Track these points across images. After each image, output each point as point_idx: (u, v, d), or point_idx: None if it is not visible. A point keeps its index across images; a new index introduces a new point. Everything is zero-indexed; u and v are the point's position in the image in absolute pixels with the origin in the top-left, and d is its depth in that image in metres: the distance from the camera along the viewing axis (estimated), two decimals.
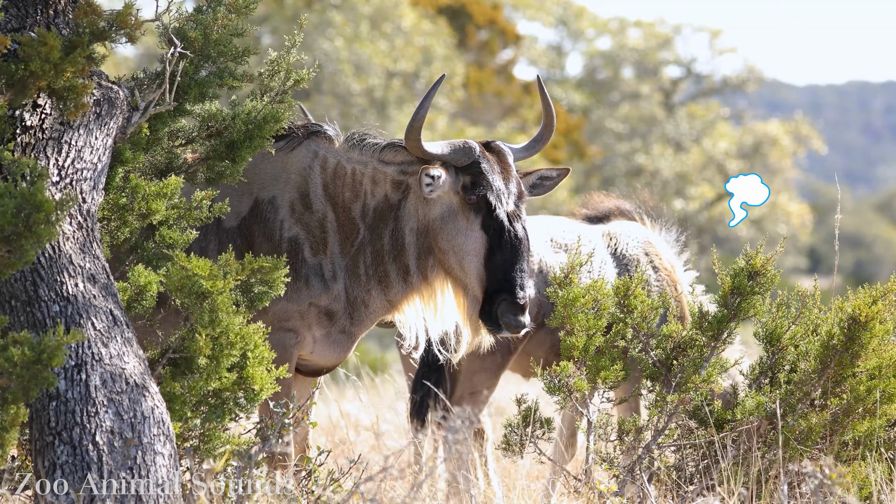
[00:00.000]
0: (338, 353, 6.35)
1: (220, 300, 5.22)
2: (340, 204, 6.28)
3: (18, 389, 4.75)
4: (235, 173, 5.76)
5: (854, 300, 6.23)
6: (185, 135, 5.77)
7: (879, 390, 6.19)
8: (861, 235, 53.21)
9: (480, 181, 6.11)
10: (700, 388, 6.23)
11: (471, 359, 7.29)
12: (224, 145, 5.72)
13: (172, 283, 5.23)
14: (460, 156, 6.15)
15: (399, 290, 6.28)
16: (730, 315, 6.32)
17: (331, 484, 5.72)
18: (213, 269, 5.24)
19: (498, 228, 6.08)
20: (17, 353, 4.72)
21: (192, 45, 5.53)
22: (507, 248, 6.07)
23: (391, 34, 28.53)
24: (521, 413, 6.46)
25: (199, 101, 5.62)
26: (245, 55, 5.67)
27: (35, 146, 5.13)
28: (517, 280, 6.03)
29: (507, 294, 6.03)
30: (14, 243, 4.78)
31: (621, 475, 6.20)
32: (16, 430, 4.77)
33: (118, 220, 5.42)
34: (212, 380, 5.24)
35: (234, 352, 5.26)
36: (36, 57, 4.99)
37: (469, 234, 6.11)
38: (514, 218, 6.10)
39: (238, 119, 5.74)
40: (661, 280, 7.54)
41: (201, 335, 5.17)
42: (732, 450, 6.20)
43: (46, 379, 4.76)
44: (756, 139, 34.16)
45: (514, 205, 6.13)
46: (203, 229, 6.16)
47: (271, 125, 5.75)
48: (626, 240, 7.65)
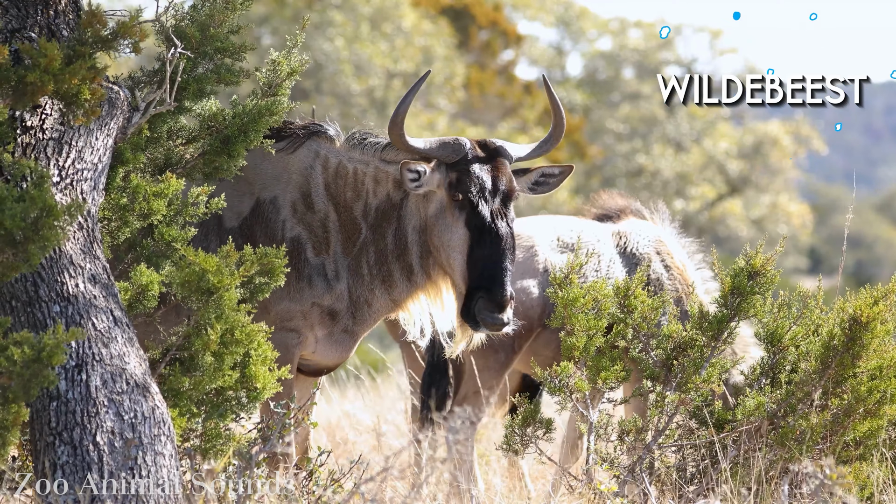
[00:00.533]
0: (340, 352, 6.36)
1: (227, 296, 5.23)
2: (342, 203, 6.28)
3: (19, 388, 4.75)
4: (232, 168, 5.75)
5: (855, 301, 6.23)
6: (185, 134, 5.77)
7: (880, 391, 6.19)
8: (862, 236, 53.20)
9: (465, 178, 6.11)
10: (700, 389, 6.22)
11: (475, 357, 7.28)
12: (219, 140, 5.72)
13: (179, 279, 5.24)
14: (448, 152, 6.15)
15: (403, 289, 6.28)
16: (730, 315, 6.32)
17: (331, 484, 5.71)
18: (221, 266, 5.25)
19: (479, 226, 6.08)
20: (17, 351, 4.72)
21: (190, 42, 5.53)
22: (487, 246, 6.06)
23: (392, 34, 28.53)
24: (521, 413, 6.45)
25: (197, 98, 5.62)
26: (242, 51, 5.66)
27: (35, 146, 5.12)
28: (496, 277, 6.02)
29: (485, 291, 6.02)
30: (20, 247, 4.78)
31: (622, 475, 6.19)
32: (17, 429, 4.77)
33: (119, 221, 5.42)
34: (216, 377, 5.25)
35: (239, 349, 5.27)
36: (35, 68, 4.99)
37: (454, 231, 6.12)
38: (497, 216, 6.09)
39: (234, 115, 5.73)
40: (674, 279, 7.53)
41: (211, 331, 5.18)
42: (733, 450, 6.20)
43: (47, 377, 4.76)
44: (757, 139, 34.14)
45: (501, 203, 6.12)
46: (204, 229, 6.16)
47: (266, 118, 5.74)
48: (637, 238, 7.62)
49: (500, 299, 6.01)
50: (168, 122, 5.62)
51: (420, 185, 6.11)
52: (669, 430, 6.27)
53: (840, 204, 52.24)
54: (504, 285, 6.01)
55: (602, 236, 7.57)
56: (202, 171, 5.73)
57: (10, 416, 4.75)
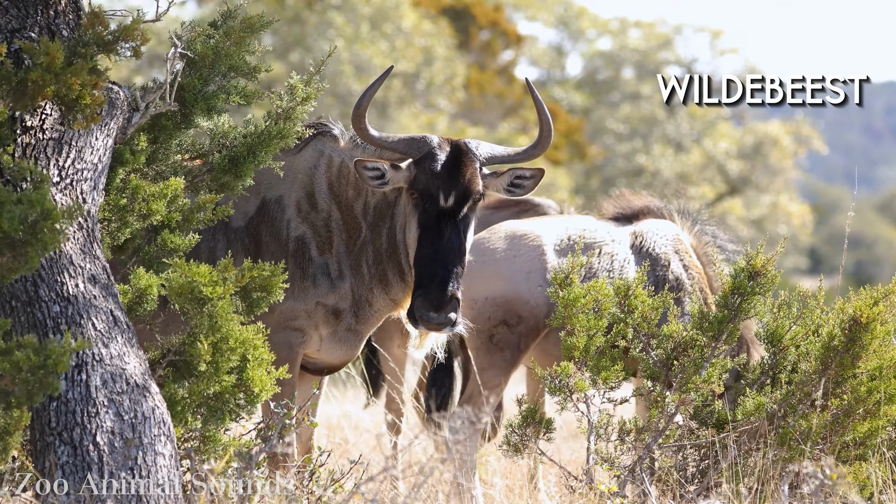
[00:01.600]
0: (345, 351, 6.36)
1: (221, 306, 5.22)
2: (344, 202, 6.29)
3: (23, 394, 4.75)
4: (238, 187, 5.74)
5: (855, 301, 6.23)
6: (195, 150, 5.76)
7: (880, 391, 6.19)
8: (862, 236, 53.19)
9: (421, 176, 6.10)
10: (700, 389, 6.22)
11: (480, 356, 7.28)
12: (227, 159, 5.71)
13: (173, 289, 5.24)
14: (412, 148, 6.15)
15: (399, 289, 6.28)
16: (730, 315, 6.32)
17: (331, 484, 5.71)
18: (213, 276, 5.24)
19: (425, 225, 6.06)
20: (22, 357, 4.72)
21: (202, 61, 5.52)
22: (429, 244, 6.04)
23: (392, 35, 28.52)
24: (521, 413, 6.45)
25: (205, 115, 5.61)
26: (256, 72, 5.65)
27: (35, 147, 5.12)
28: (434, 276, 5.99)
29: (423, 290, 6.01)
30: (19, 249, 4.78)
31: (622, 475, 6.19)
32: (19, 433, 4.76)
33: (118, 221, 5.41)
34: (212, 384, 5.24)
35: (234, 357, 5.26)
36: (37, 66, 4.98)
37: (411, 228, 6.13)
38: (446, 216, 6.07)
39: (244, 135, 5.72)
40: (693, 278, 7.52)
41: (202, 342, 5.17)
42: (733, 450, 6.20)
43: (51, 384, 4.76)
44: (757, 139, 34.13)
45: (455, 202, 6.09)
46: (211, 229, 6.18)
47: (276, 142, 5.74)
48: (655, 238, 7.59)
49: (435, 298, 5.98)
50: (175, 135, 5.61)
51: (385, 182, 6.10)
52: (670, 430, 6.26)
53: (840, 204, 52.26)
54: (443, 284, 5.97)
55: (618, 236, 7.54)
56: (209, 187, 5.73)
57: (12, 420, 4.75)
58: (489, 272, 7.28)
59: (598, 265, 7.37)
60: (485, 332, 7.24)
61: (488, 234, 7.45)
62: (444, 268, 5.99)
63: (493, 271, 7.29)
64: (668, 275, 7.47)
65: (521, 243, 7.35)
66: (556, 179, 27.62)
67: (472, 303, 7.25)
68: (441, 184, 6.07)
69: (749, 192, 34.06)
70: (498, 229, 7.50)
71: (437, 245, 6.02)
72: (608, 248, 7.42)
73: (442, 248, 6.01)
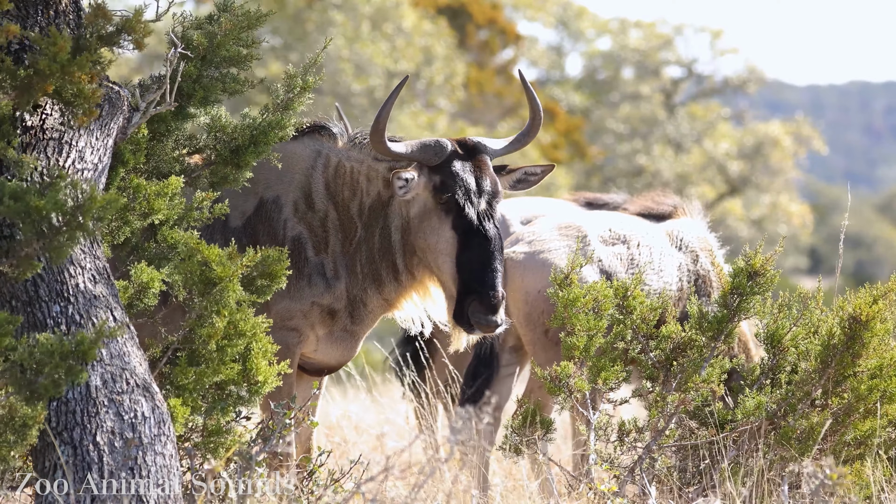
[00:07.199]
0: (342, 351, 6.37)
1: (230, 287, 5.24)
2: (340, 202, 6.30)
3: (49, 383, 4.75)
4: (239, 179, 5.75)
5: (855, 299, 6.23)
6: (192, 145, 5.76)
7: (880, 390, 6.19)
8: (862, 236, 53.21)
9: (450, 181, 6.10)
10: (700, 389, 6.23)
11: (538, 351, 7.24)
12: (228, 150, 5.72)
13: (182, 271, 5.25)
14: (430, 155, 6.14)
15: (392, 289, 6.29)
16: (730, 315, 6.32)
17: (331, 484, 5.72)
18: (223, 257, 5.26)
19: (467, 228, 6.07)
20: (55, 342, 4.72)
21: (196, 50, 5.53)
22: (476, 248, 6.05)
23: (392, 34, 28.53)
24: (521, 413, 6.45)
25: (203, 105, 5.62)
26: (248, 60, 5.66)
27: (36, 146, 5.13)
28: (487, 280, 6.01)
29: (477, 294, 6.02)
30: (46, 241, 4.78)
31: (622, 475, 6.20)
32: (37, 428, 4.75)
33: (119, 220, 5.42)
34: (218, 370, 5.25)
35: (242, 341, 5.28)
36: (44, 56, 4.98)
37: (441, 234, 6.11)
38: (484, 217, 6.09)
39: (244, 126, 5.74)
40: (717, 276, 7.56)
41: (217, 318, 5.19)
42: (733, 450, 6.20)
43: (79, 373, 4.76)
44: (757, 140, 34.13)
45: (487, 203, 6.11)
46: (209, 229, 6.18)
47: (276, 132, 5.74)
48: (690, 235, 7.63)
49: (493, 301, 6.00)
50: (173, 129, 5.62)
51: (408, 190, 6.11)
52: (669, 431, 6.27)
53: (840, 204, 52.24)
54: (496, 287, 6.01)
55: (654, 231, 7.57)
56: (208, 181, 5.73)
57: (36, 412, 4.74)
58: (540, 264, 7.24)
59: (639, 257, 7.39)
60: (540, 326, 7.20)
61: (535, 227, 7.45)
62: (494, 269, 6.02)
63: (545, 263, 7.24)
64: (700, 270, 7.53)
65: (570, 234, 7.35)
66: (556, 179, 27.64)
67: (525, 296, 7.22)
68: (474, 187, 6.08)
69: (749, 192, 34.08)
70: (544, 222, 7.51)
71: (484, 248, 6.03)
72: (646, 241, 7.44)
73: (488, 251, 6.03)
